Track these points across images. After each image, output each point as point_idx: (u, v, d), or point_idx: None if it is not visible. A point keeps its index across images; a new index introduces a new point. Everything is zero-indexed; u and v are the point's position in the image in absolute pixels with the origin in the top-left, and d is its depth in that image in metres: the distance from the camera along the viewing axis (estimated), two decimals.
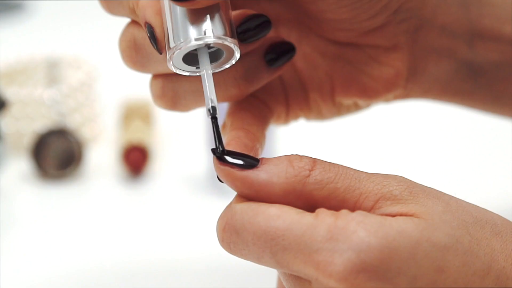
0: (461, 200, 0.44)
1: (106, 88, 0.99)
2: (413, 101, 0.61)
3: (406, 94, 0.58)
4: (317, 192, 0.43)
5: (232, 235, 0.43)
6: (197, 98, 0.52)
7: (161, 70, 0.52)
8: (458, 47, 0.57)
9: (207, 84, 0.47)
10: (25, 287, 0.70)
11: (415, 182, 0.44)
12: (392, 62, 0.56)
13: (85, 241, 0.77)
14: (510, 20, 0.57)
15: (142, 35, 0.51)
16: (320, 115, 0.58)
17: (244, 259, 0.44)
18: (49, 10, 1.39)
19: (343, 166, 0.44)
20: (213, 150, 0.44)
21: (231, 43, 0.47)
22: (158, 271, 0.72)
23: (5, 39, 1.24)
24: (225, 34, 0.47)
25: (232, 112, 0.53)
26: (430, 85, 0.58)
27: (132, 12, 0.51)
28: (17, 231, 0.79)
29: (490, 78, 0.58)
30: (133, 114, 0.93)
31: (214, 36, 0.47)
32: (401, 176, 0.44)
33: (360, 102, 0.58)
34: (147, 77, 0.53)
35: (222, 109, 0.51)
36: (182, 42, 0.47)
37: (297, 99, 0.56)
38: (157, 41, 0.49)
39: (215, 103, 0.46)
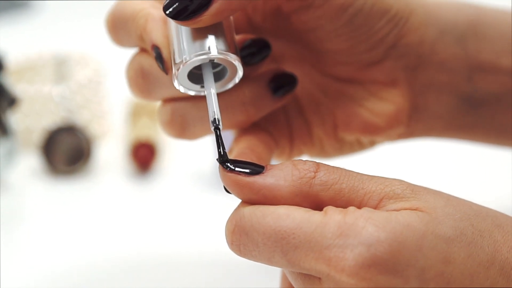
0: (457, 197, 0.45)
1: (114, 85, 0.99)
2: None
3: (410, 132, 0.59)
4: (323, 193, 0.44)
5: (242, 237, 0.44)
6: (205, 125, 0.54)
7: (168, 95, 0.54)
8: (458, 82, 0.58)
9: (212, 98, 0.49)
10: (35, 282, 0.71)
11: (414, 184, 0.45)
12: (393, 98, 0.57)
13: (93, 236, 0.78)
14: (506, 53, 0.58)
15: (149, 62, 0.53)
16: (323, 152, 0.59)
17: (254, 260, 0.44)
18: (57, 8, 1.39)
19: (345, 169, 0.45)
20: (218, 159, 0.45)
21: (234, 59, 0.49)
22: (165, 266, 0.72)
23: (14, 37, 1.24)
24: (228, 51, 0.49)
25: (239, 137, 0.55)
26: (432, 122, 0.59)
27: (139, 38, 0.53)
28: (27, 226, 0.80)
29: (491, 111, 0.59)
30: (141, 111, 0.94)
31: (217, 52, 0.49)
32: (401, 179, 0.45)
33: (363, 139, 0.58)
34: None
35: (228, 137, 0.53)
36: (186, 57, 0.49)
37: (300, 133, 0.58)
38: (164, 62, 0.51)
39: (218, 115, 0.48)
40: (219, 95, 0.50)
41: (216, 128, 0.47)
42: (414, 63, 0.57)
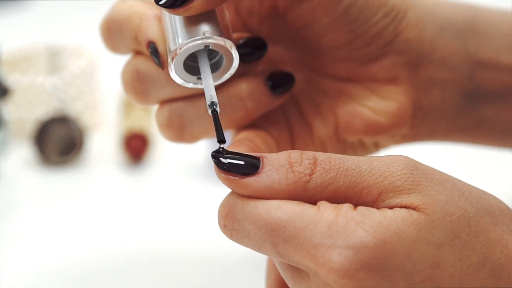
0: (462, 185, 0.45)
1: (108, 77, 0.99)
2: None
3: (414, 134, 0.58)
4: (319, 194, 0.44)
5: (234, 223, 0.44)
6: (204, 125, 0.54)
7: (165, 96, 0.54)
8: (460, 80, 0.58)
9: (208, 82, 0.49)
10: (28, 273, 0.71)
11: (418, 166, 0.44)
12: (394, 95, 0.57)
13: (86, 226, 0.78)
14: (506, 50, 0.58)
15: (145, 64, 0.53)
16: None
17: (245, 246, 0.44)
18: None
19: (344, 159, 0.44)
20: (213, 156, 0.45)
21: (229, 45, 0.49)
22: (158, 258, 0.72)
23: (8, 28, 1.24)
24: (223, 36, 0.49)
25: (237, 133, 0.55)
26: (437, 122, 0.58)
27: (134, 40, 0.53)
28: (20, 217, 0.80)
29: (495, 109, 0.59)
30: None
31: (212, 37, 0.49)
32: (404, 159, 0.44)
33: (366, 140, 0.58)
34: None
35: (227, 138, 0.53)
36: (181, 44, 0.49)
37: (302, 136, 0.57)
38: (159, 55, 0.51)
39: (215, 98, 0.48)
40: (217, 90, 0.50)
41: (214, 111, 0.47)
42: (415, 60, 0.57)
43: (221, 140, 0.45)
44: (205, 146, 0.87)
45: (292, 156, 0.44)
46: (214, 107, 0.48)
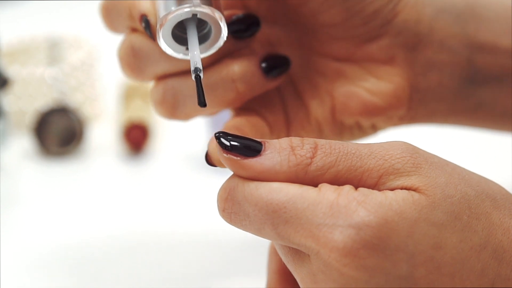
0: (462, 170, 0.45)
1: (107, 68, 0.99)
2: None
3: (411, 116, 0.58)
4: (320, 177, 0.44)
5: (234, 206, 0.44)
6: (197, 104, 0.54)
7: (159, 71, 0.54)
8: (459, 62, 0.58)
9: (194, 48, 0.49)
10: (28, 264, 0.71)
11: (418, 150, 0.44)
12: (391, 77, 0.57)
13: (86, 217, 0.78)
14: (505, 34, 0.58)
15: (139, 40, 0.53)
16: (322, 137, 0.58)
17: (244, 230, 0.44)
18: None
19: (344, 144, 0.44)
20: (216, 137, 0.45)
21: (218, 16, 0.49)
22: (158, 248, 0.72)
23: (7, 19, 1.24)
24: (211, 6, 0.49)
25: (229, 120, 0.55)
26: (435, 105, 0.58)
27: (129, 16, 0.53)
28: (20, 208, 0.80)
29: (493, 93, 0.59)
30: (133, 93, 0.94)
31: (201, 6, 0.49)
32: (403, 144, 0.45)
33: (363, 122, 0.58)
34: None
35: (222, 119, 0.52)
36: (169, 11, 0.49)
37: (298, 117, 0.57)
38: (151, 27, 0.51)
39: (199, 64, 0.48)
40: (209, 69, 0.50)
41: (197, 76, 0.48)
42: (413, 41, 0.57)
43: (201, 103, 0.46)
44: (205, 136, 0.87)
45: (293, 141, 0.44)
46: (198, 72, 0.48)
